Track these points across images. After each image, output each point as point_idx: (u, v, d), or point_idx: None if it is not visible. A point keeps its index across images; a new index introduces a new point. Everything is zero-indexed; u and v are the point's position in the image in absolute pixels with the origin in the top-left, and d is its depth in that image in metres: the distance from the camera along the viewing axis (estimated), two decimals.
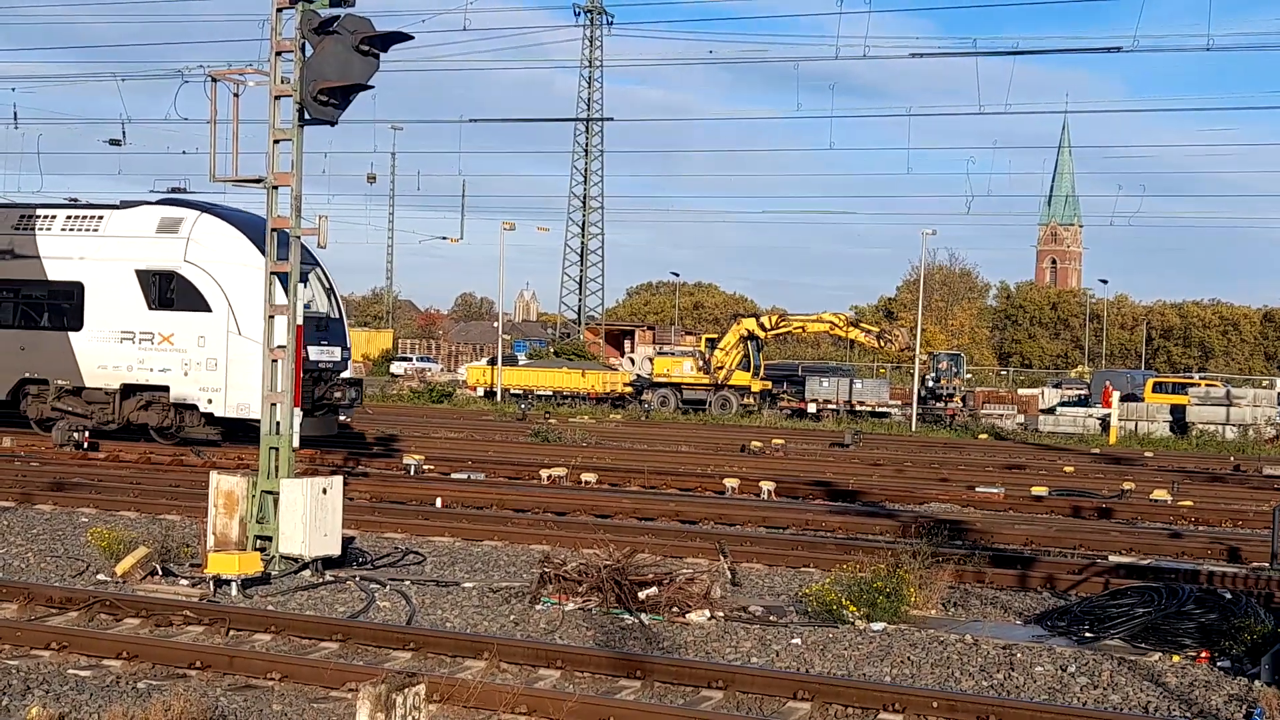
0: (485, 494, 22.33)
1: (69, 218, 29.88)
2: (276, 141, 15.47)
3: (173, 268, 28.06)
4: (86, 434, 28.45)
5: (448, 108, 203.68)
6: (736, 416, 53.91)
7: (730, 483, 24.60)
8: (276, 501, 14.97)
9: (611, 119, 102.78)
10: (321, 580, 14.65)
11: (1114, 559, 17.44)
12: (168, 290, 28.16)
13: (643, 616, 12.81)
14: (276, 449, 15.26)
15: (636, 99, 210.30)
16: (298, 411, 15.38)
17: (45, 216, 30.07)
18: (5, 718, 9.42)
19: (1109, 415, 47.80)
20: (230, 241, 28.33)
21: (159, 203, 29.57)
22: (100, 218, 29.50)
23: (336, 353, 29.21)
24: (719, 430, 45.08)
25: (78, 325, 29.16)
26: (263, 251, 27.72)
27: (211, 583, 13.88)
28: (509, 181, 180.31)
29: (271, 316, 15.72)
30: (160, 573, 14.46)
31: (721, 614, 13.08)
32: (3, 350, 29.76)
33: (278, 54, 15.37)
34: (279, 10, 15.28)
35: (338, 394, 28.30)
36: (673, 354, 62.18)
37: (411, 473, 25.62)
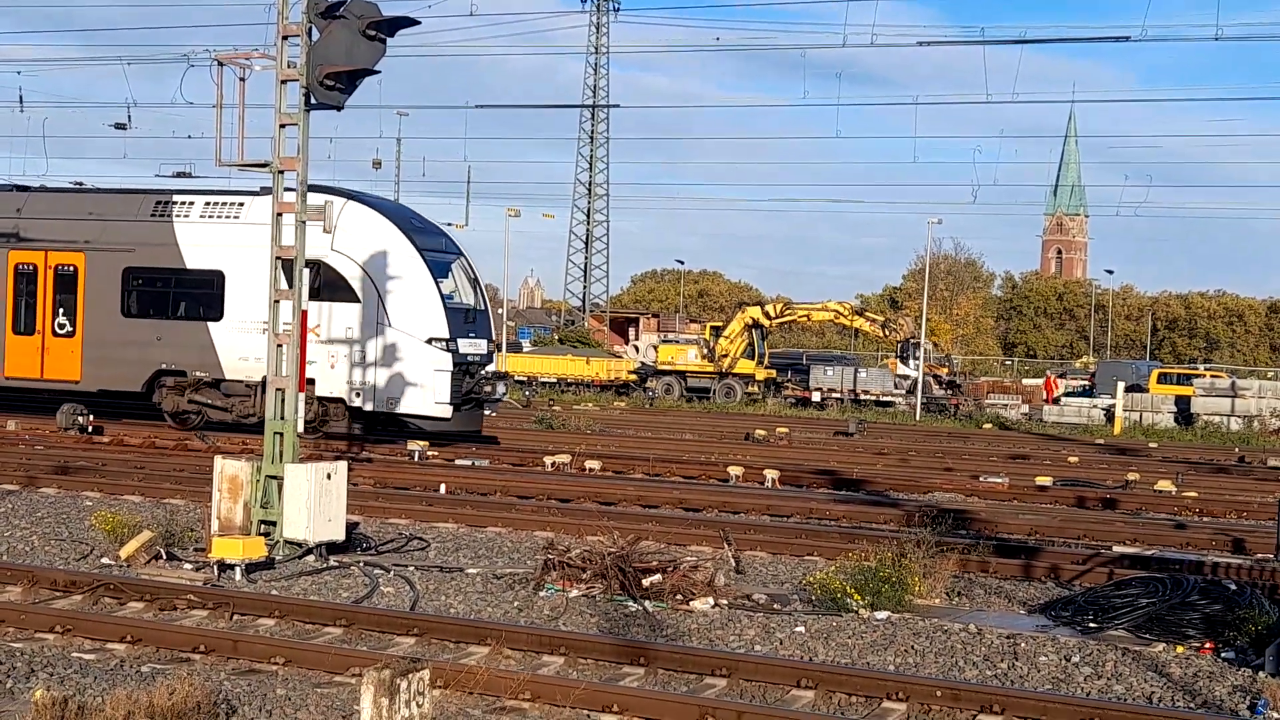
0: (489, 480, 22.33)
1: (208, 204, 28.88)
2: (282, 126, 15.46)
3: (319, 256, 25.58)
4: (91, 418, 28.38)
5: (453, 93, 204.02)
6: (741, 405, 53.90)
7: (734, 470, 24.59)
8: (281, 486, 14.98)
9: (617, 105, 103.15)
10: (325, 565, 14.66)
11: (1118, 549, 17.41)
12: (314, 280, 26.10)
13: (646, 604, 12.80)
14: (281, 434, 15.27)
15: (642, 86, 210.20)
16: (302, 397, 15.37)
17: (183, 203, 29.12)
18: (10, 700, 9.42)
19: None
20: (379, 230, 27.41)
21: None
22: (241, 204, 28.45)
23: (483, 345, 28.34)
24: (723, 418, 45.08)
25: (217, 315, 28.22)
26: (412, 240, 27.44)
27: (215, 567, 13.88)
28: (514, 168, 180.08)
29: (277, 301, 15.70)
30: (164, 557, 14.47)
31: (725, 602, 13.07)
32: (138, 341, 28.85)
33: (284, 38, 15.35)
34: None
35: (486, 388, 27.59)
36: (677, 342, 62.23)
37: (416, 459, 25.61)
